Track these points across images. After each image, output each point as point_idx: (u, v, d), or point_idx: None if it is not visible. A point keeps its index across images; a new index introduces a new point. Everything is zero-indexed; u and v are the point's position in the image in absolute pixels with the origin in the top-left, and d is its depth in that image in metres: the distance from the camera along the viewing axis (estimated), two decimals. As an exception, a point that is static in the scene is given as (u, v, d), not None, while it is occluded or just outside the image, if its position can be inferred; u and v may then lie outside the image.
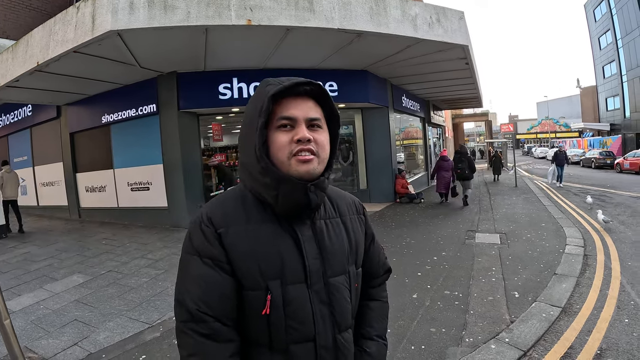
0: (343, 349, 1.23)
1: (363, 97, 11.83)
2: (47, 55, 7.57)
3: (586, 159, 31.96)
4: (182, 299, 1.13)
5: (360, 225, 1.39)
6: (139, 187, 11.16)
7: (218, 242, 1.13)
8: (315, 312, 1.17)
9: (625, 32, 37.11)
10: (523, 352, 3.60)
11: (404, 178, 13.67)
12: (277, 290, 1.13)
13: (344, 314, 1.24)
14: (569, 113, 64.63)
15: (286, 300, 1.13)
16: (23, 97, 11.35)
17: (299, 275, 1.15)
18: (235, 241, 1.13)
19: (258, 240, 1.14)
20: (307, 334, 1.16)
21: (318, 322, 1.17)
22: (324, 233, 1.23)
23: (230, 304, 1.13)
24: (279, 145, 1.14)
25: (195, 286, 1.12)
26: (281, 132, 1.14)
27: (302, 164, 1.13)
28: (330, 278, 1.21)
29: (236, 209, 1.18)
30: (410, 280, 5.66)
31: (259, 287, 1.12)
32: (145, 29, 6.59)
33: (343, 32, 7.76)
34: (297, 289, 1.15)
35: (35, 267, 7.05)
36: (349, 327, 1.27)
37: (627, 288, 5.04)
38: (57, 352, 3.97)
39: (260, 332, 1.15)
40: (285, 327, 1.14)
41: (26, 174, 14.71)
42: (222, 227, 1.14)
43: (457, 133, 44.28)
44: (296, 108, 1.15)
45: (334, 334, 1.20)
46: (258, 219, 1.17)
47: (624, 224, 8.79)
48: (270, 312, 1.12)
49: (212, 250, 1.12)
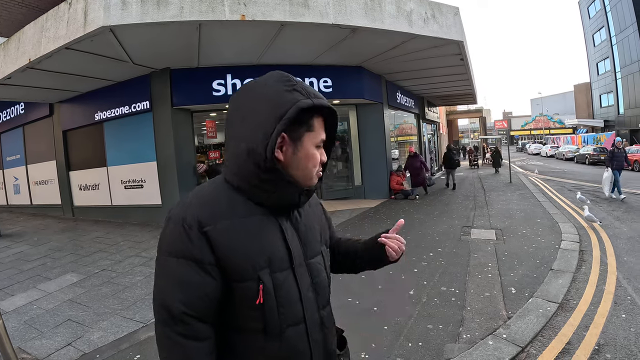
0: (327, 324, 1.34)
1: (358, 93, 11.81)
2: (39, 52, 7.50)
3: (580, 155, 32.11)
4: (165, 302, 1.12)
5: (323, 211, 1.55)
6: (132, 184, 11.08)
7: (204, 241, 1.12)
8: (302, 293, 1.25)
9: (619, 29, 37.29)
10: (521, 348, 3.59)
11: (399, 176, 13.64)
12: (267, 278, 1.17)
13: (324, 290, 1.35)
14: (563, 110, 64.90)
15: (276, 287, 1.18)
16: (15, 95, 11.23)
17: (285, 262, 1.22)
18: (224, 237, 1.14)
19: (246, 234, 1.17)
20: (298, 315, 1.23)
21: (305, 302, 1.25)
22: (300, 221, 1.32)
23: (213, 303, 1.15)
24: (311, 160, 1.24)
25: (176, 288, 1.12)
26: (317, 150, 1.25)
27: (317, 179, 1.29)
28: (310, 259, 1.31)
29: (220, 205, 1.19)
30: (407, 277, 5.65)
31: (250, 278, 1.15)
32: (138, 25, 6.53)
33: (338, 28, 7.72)
34: (285, 275, 1.21)
35: (28, 267, 6.98)
36: (328, 302, 1.39)
37: (624, 283, 5.04)
38: (50, 353, 3.93)
39: (255, 320, 1.18)
40: (278, 312, 1.19)
41: (19, 173, 14.63)
42: (208, 225, 1.13)
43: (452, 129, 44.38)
44: (321, 132, 1.27)
45: (319, 311, 1.31)
46: (242, 213, 1.19)
47: (619, 219, 8.81)
48: (264, 299, 1.16)
49: (193, 251, 1.12)
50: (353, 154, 13.67)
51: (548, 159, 41.31)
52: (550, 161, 36.71)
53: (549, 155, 43.63)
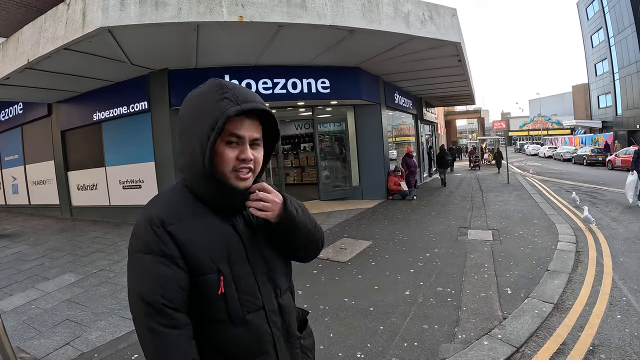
0: (286, 309, 1.44)
1: (355, 94, 11.83)
2: (38, 53, 7.50)
3: (578, 156, 32.15)
4: (145, 296, 1.20)
5: None
6: (130, 185, 11.09)
7: (169, 239, 1.24)
8: (259, 282, 1.36)
9: (617, 30, 37.33)
10: (516, 348, 3.61)
11: (396, 176, 13.67)
12: (226, 270, 1.29)
13: (281, 279, 1.44)
14: (561, 110, 65.01)
15: (235, 278, 1.30)
16: (14, 95, 11.24)
17: (241, 255, 1.33)
18: (186, 235, 1.26)
19: (205, 231, 1.29)
20: (257, 302, 1.34)
21: (262, 290, 1.36)
22: (251, 217, 1.40)
23: (186, 294, 1.25)
24: (225, 160, 1.28)
25: (153, 282, 1.21)
26: (228, 148, 1.28)
27: (242, 181, 1.30)
28: (263, 251, 1.40)
29: (181, 206, 1.31)
30: (403, 277, 5.67)
31: (212, 271, 1.27)
32: (136, 26, 6.54)
33: (335, 29, 7.74)
34: (242, 266, 1.33)
35: (26, 267, 6.99)
36: (286, 290, 1.47)
37: (619, 284, 5.07)
38: (49, 352, 3.95)
39: (220, 309, 1.29)
40: (239, 301, 1.30)
41: (17, 173, 14.63)
42: (172, 225, 1.25)
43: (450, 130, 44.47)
44: (245, 128, 1.29)
45: (277, 298, 1.41)
46: (200, 213, 1.31)
47: (616, 220, 8.85)
48: (225, 290, 1.28)
49: (163, 248, 1.23)
50: (351, 154, 13.69)
51: (546, 159, 41.38)
52: (548, 162, 36.76)
53: (547, 156, 43.69)
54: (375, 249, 7.28)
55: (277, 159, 13.58)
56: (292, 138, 18.52)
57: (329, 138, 14.11)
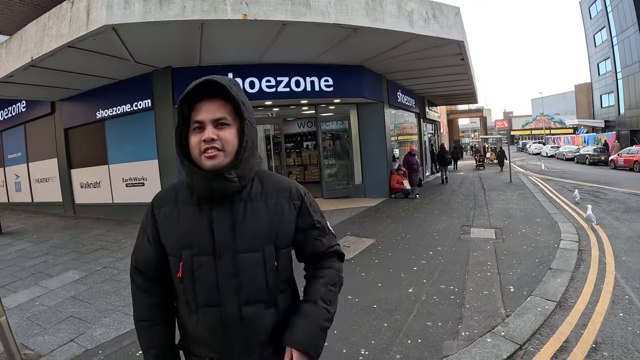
0: (250, 320, 1.38)
1: (358, 93, 11.83)
2: (42, 51, 7.52)
3: (580, 155, 32.09)
4: (131, 257, 1.57)
5: (290, 209, 1.49)
6: (134, 182, 11.12)
7: (152, 220, 1.49)
8: (221, 282, 1.37)
9: (620, 29, 37.16)
10: (519, 345, 3.62)
11: (399, 175, 13.67)
12: (187, 258, 1.38)
13: (253, 288, 1.39)
14: (563, 109, 64.78)
15: (194, 267, 1.38)
16: (17, 93, 11.25)
17: (207, 248, 1.37)
18: (163, 219, 1.46)
19: (179, 218, 1.43)
20: (212, 299, 1.37)
21: (222, 291, 1.37)
22: (240, 214, 1.40)
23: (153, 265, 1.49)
24: (192, 146, 1.37)
25: (136, 249, 1.55)
26: (194, 134, 1.37)
27: (209, 159, 1.34)
28: (240, 254, 1.38)
29: (171, 194, 1.49)
30: (406, 275, 5.68)
31: (176, 254, 1.41)
32: (140, 24, 6.56)
33: (339, 27, 7.75)
34: (205, 260, 1.37)
35: (30, 264, 7.01)
36: (261, 302, 1.41)
37: (622, 283, 5.07)
38: (53, 349, 3.97)
39: (181, 292, 1.43)
40: (194, 291, 1.38)
41: (20, 171, 14.65)
42: (156, 209, 1.49)
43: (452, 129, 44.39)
44: (205, 111, 1.35)
45: (239, 305, 1.37)
46: (184, 202, 1.45)
47: (618, 219, 8.83)
48: (183, 275, 1.39)
49: (147, 225, 1.50)
50: (353, 152, 13.69)
51: (548, 159, 41.24)
52: (550, 161, 36.64)
53: (549, 155, 43.58)
54: (379, 247, 7.29)
55: (280, 157, 13.60)
56: (295, 136, 18.50)
57: (332, 136, 14.13)
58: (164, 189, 1.55)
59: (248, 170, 1.41)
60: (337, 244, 1.64)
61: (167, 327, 1.53)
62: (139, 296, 1.52)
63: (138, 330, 1.52)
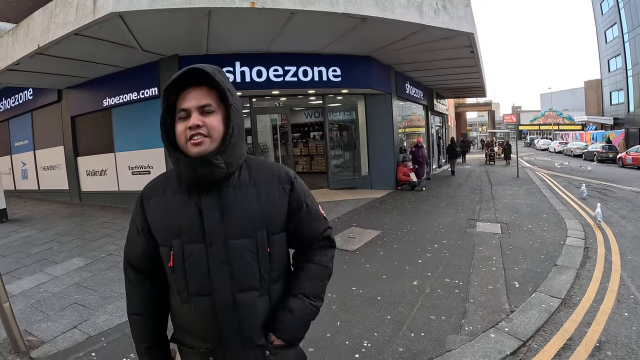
0: (244, 308, 1.38)
1: (366, 83, 11.75)
2: (48, 38, 7.51)
3: (588, 152, 31.83)
4: (124, 251, 1.56)
5: (281, 194, 1.48)
6: (139, 170, 11.14)
7: (142, 211, 1.46)
8: (212, 269, 1.35)
9: (632, 26, 36.73)
10: (522, 342, 3.60)
11: (406, 166, 13.62)
12: (178, 247, 1.37)
13: (245, 275, 1.38)
14: (572, 106, 64.23)
15: (185, 256, 1.36)
16: (24, 81, 11.29)
17: (197, 236, 1.36)
18: (153, 209, 1.44)
19: (167, 207, 1.42)
20: (204, 288, 1.36)
21: (215, 279, 1.35)
22: (229, 200, 1.39)
23: (144, 257, 1.47)
24: (178, 133, 1.36)
25: (127, 243, 1.54)
26: (180, 122, 1.36)
27: (195, 146, 1.33)
28: (231, 240, 1.36)
29: (160, 184, 1.48)
30: (411, 268, 5.66)
31: (166, 244, 1.40)
32: (147, 11, 6.49)
33: (348, 17, 7.66)
34: (195, 247, 1.36)
35: (35, 251, 7.05)
36: (253, 289, 1.40)
37: (627, 282, 5.02)
38: (56, 335, 3.98)
39: (172, 282, 1.42)
40: (185, 280, 1.37)
41: (27, 158, 14.72)
42: (146, 199, 1.47)
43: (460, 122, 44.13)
44: (189, 99, 1.36)
45: (233, 293, 1.36)
46: (173, 190, 1.43)
47: (625, 218, 8.76)
48: (173, 264, 1.38)
49: (136, 217, 1.48)
50: (360, 143, 13.63)
51: (556, 154, 41.03)
52: (558, 157, 36.43)
53: (557, 151, 43.28)
54: (384, 239, 7.27)
55: (287, 147, 13.58)
56: (302, 126, 18.47)
57: (339, 127, 14.07)
58: (153, 179, 1.54)
59: (235, 157, 1.40)
60: (328, 227, 1.63)
61: (160, 320, 1.53)
62: (131, 290, 1.52)
63: (131, 323, 1.53)
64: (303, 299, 1.47)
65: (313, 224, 1.56)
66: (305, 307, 1.47)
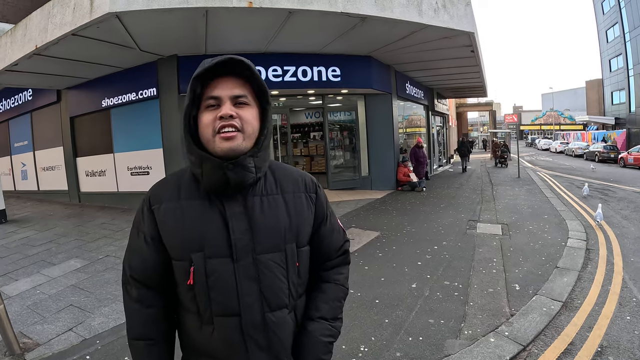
0: (274, 328, 1.24)
1: (366, 83, 11.70)
2: (46, 39, 7.47)
3: (590, 152, 31.76)
4: (124, 264, 1.34)
5: (308, 203, 1.36)
6: (138, 171, 11.12)
7: (150, 218, 1.27)
8: (240, 287, 1.20)
9: (633, 25, 36.69)
10: (522, 346, 3.54)
11: (406, 167, 13.57)
12: (199, 262, 1.20)
13: (275, 292, 1.24)
14: (573, 105, 64.26)
15: (208, 273, 1.20)
16: (22, 81, 11.27)
17: (222, 250, 1.20)
18: (164, 217, 1.25)
19: (184, 216, 1.23)
20: (231, 308, 1.20)
21: (243, 297, 1.20)
22: (256, 209, 1.25)
23: (154, 272, 1.28)
24: (204, 124, 1.20)
25: (131, 254, 1.32)
26: (207, 112, 1.20)
27: (225, 140, 1.17)
28: (260, 255, 1.22)
29: (172, 187, 1.29)
30: (410, 270, 5.61)
31: (184, 258, 1.22)
32: (144, 11, 6.44)
33: (346, 16, 7.60)
34: (221, 263, 1.20)
35: (33, 252, 7.01)
36: (283, 307, 1.27)
37: (630, 284, 4.97)
38: (51, 338, 3.94)
39: (189, 300, 1.25)
40: (208, 299, 1.20)
41: (27, 159, 14.72)
42: (155, 204, 1.27)
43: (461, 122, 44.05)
44: (221, 88, 1.20)
45: (263, 312, 1.22)
46: (189, 196, 1.26)
47: (627, 218, 8.70)
48: (194, 282, 1.21)
49: (143, 225, 1.28)
50: (360, 144, 13.59)
51: (557, 154, 40.95)
52: (559, 157, 36.37)
53: (558, 151, 43.20)
54: (383, 240, 7.22)
55: (286, 148, 13.54)
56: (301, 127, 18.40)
57: (339, 127, 14.02)
58: (161, 181, 1.36)
59: (264, 161, 1.27)
60: (346, 240, 1.53)
61: (169, 345, 1.35)
62: (135, 309, 1.30)
63: (133, 350, 1.31)
64: (320, 322, 1.35)
65: (333, 236, 1.45)
66: (322, 329, 1.34)
